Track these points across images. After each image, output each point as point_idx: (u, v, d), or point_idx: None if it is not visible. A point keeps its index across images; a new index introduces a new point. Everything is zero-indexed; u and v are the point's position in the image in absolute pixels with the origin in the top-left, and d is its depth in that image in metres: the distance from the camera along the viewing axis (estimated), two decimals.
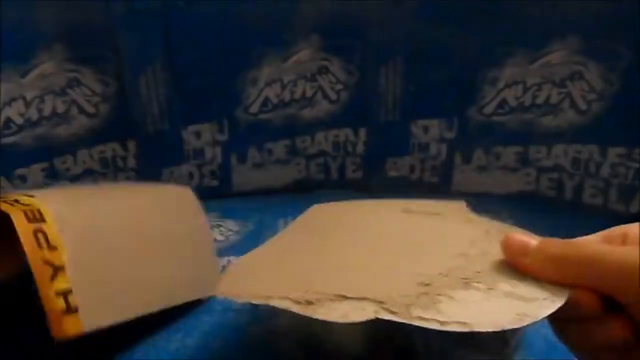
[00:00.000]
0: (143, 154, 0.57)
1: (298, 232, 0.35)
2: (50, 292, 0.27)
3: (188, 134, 0.57)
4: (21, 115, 0.52)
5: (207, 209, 0.55)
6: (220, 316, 0.29)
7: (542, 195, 0.57)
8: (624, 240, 0.25)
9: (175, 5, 0.51)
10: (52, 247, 0.29)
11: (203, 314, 0.37)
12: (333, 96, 0.57)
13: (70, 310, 0.28)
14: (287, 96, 0.57)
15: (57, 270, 0.28)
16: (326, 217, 0.37)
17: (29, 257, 0.28)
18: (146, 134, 0.56)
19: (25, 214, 0.29)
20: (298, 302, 0.25)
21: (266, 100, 0.57)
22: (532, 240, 0.25)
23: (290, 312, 0.24)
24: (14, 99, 0.51)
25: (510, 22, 0.50)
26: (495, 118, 0.55)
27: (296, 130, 0.59)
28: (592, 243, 0.25)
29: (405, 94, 0.55)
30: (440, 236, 0.31)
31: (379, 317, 0.24)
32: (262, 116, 0.57)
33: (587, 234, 0.26)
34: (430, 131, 0.57)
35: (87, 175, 0.57)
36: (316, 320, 0.24)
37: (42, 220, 0.29)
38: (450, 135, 0.56)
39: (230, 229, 0.52)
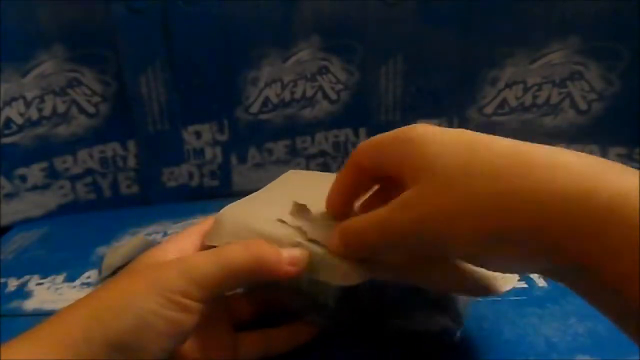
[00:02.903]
0: (143, 154, 0.57)
1: (271, 190, 0.36)
2: None
3: (188, 134, 0.57)
4: (21, 115, 0.52)
5: (207, 209, 0.55)
6: None
7: None
8: None
9: (175, 5, 0.51)
10: None
11: None
12: (333, 96, 0.57)
13: None
14: (287, 96, 0.57)
15: None
16: (299, 179, 0.38)
17: None
18: (146, 134, 0.56)
19: None
20: None
21: (266, 100, 0.57)
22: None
23: None
24: (14, 99, 0.51)
25: (511, 22, 0.50)
26: (495, 118, 0.55)
27: (296, 130, 0.59)
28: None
29: (405, 94, 0.55)
30: None
31: None
32: (262, 116, 0.57)
33: None
34: None
35: (87, 175, 0.57)
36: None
37: None
38: None
39: None
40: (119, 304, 0.23)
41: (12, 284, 0.43)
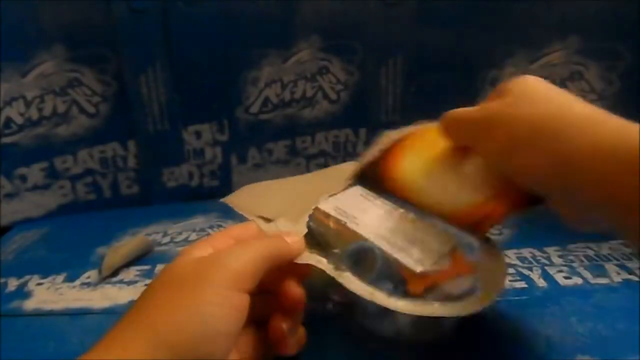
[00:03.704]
0: (143, 154, 0.57)
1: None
2: None
3: (188, 134, 0.57)
4: (21, 114, 0.52)
5: (207, 209, 0.55)
6: None
7: None
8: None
9: (175, 5, 0.51)
10: None
11: None
12: (333, 96, 0.57)
13: None
14: (287, 96, 0.57)
15: None
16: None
17: None
18: (146, 134, 0.56)
19: None
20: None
21: (266, 101, 0.57)
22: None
23: None
24: (14, 99, 0.51)
25: (510, 22, 0.50)
26: None
27: (296, 130, 0.59)
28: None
29: (405, 94, 0.55)
30: None
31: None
32: (262, 116, 0.57)
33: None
34: None
35: (87, 175, 0.57)
36: None
37: None
38: None
39: None
40: (179, 317, 0.23)
41: (12, 284, 0.43)
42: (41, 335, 0.36)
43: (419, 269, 0.29)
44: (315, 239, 0.31)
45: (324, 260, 0.29)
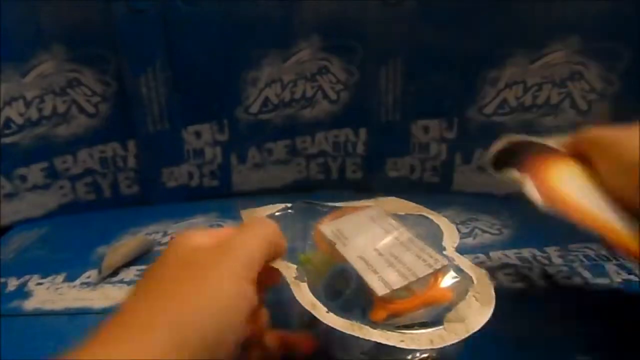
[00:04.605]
0: (143, 154, 0.57)
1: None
2: None
3: (188, 134, 0.57)
4: (21, 115, 0.52)
5: (207, 209, 0.55)
6: None
7: None
8: None
9: (175, 5, 0.51)
10: None
11: None
12: (333, 96, 0.57)
13: None
14: (287, 96, 0.57)
15: None
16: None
17: None
18: (146, 134, 0.56)
19: None
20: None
21: (266, 101, 0.57)
22: None
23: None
24: (14, 99, 0.51)
25: (510, 22, 0.50)
26: (495, 118, 0.55)
27: (296, 130, 0.59)
28: None
29: (405, 94, 0.55)
30: None
31: None
32: (262, 116, 0.57)
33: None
34: (430, 131, 0.57)
35: (87, 175, 0.57)
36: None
37: None
38: (450, 135, 0.56)
39: None
40: (207, 303, 0.23)
41: (12, 284, 0.43)
42: (41, 335, 0.36)
43: (381, 291, 0.27)
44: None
45: (294, 267, 0.29)
